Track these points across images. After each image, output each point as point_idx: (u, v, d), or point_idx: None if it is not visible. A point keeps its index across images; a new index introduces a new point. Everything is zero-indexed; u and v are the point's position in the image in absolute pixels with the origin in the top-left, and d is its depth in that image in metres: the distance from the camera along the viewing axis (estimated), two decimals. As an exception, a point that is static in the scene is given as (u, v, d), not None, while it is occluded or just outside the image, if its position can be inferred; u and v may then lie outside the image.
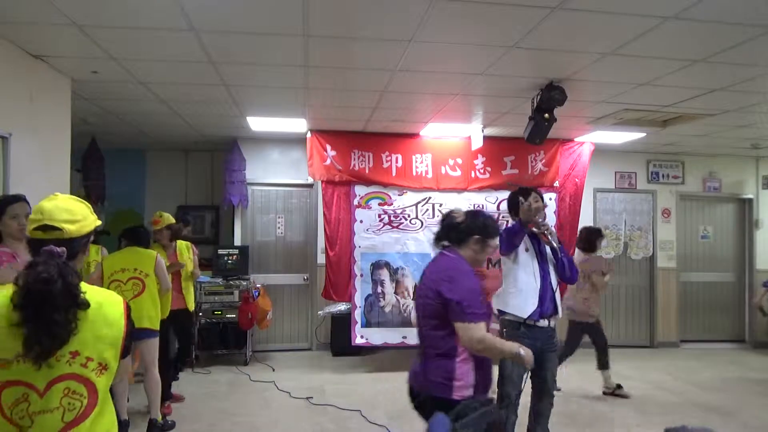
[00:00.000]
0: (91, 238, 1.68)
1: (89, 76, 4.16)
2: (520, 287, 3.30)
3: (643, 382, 5.62)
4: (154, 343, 4.08)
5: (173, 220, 4.90)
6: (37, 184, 3.58)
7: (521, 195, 3.36)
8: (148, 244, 4.37)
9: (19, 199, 2.83)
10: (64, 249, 1.46)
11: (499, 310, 3.44)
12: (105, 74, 4.10)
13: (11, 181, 3.40)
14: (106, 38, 3.42)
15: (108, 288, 3.32)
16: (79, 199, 1.67)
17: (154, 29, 3.27)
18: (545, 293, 3.27)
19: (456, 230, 2.44)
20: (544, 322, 3.27)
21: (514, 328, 3.32)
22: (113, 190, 6.67)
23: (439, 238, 2.51)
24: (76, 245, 1.57)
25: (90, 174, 6.30)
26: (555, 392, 3.42)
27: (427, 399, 2.27)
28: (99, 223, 1.72)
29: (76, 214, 1.59)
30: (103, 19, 3.14)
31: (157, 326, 4.08)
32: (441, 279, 2.28)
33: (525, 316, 3.24)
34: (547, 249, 3.41)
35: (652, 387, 5.49)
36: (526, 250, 3.35)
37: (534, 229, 3.34)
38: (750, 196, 7.74)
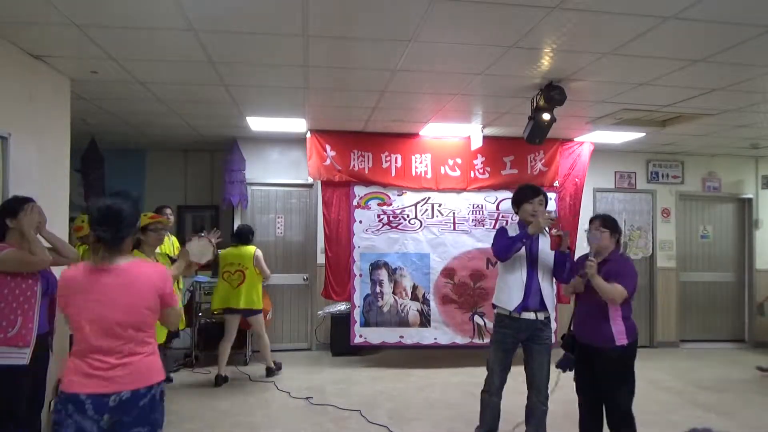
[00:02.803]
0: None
1: (89, 76, 4.16)
2: (508, 283, 3.59)
3: (643, 382, 5.53)
4: (258, 318, 5.50)
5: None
6: (36, 184, 3.58)
7: (528, 195, 3.59)
8: (249, 240, 5.53)
9: (31, 200, 2.98)
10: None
11: (493, 303, 3.76)
12: (104, 74, 4.10)
13: (11, 181, 3.39)
14: (105, 38, 3.42)
15: (221, 276, 5.42)
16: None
17: (153, 29, 3.27)
18: (530, 289, 3.52)
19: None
20: (529, 315, 3.52)
21: (501, 319, 3.64)
22: (113, 190, 6.63)
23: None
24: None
25: (89, 174, 6.30)
26: None
27: None
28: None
29: None
30: (103, 19, 3.14)
31: (258, 306, 5.45)
32: None
33: (511, 309, 3.54)
34: (540, 246, 3.57)
35: (652, 387, 5.48)
36: (517, 249, 3.53)
37: (553, 231, 3.52)
38: (749, 195, 7.74)
